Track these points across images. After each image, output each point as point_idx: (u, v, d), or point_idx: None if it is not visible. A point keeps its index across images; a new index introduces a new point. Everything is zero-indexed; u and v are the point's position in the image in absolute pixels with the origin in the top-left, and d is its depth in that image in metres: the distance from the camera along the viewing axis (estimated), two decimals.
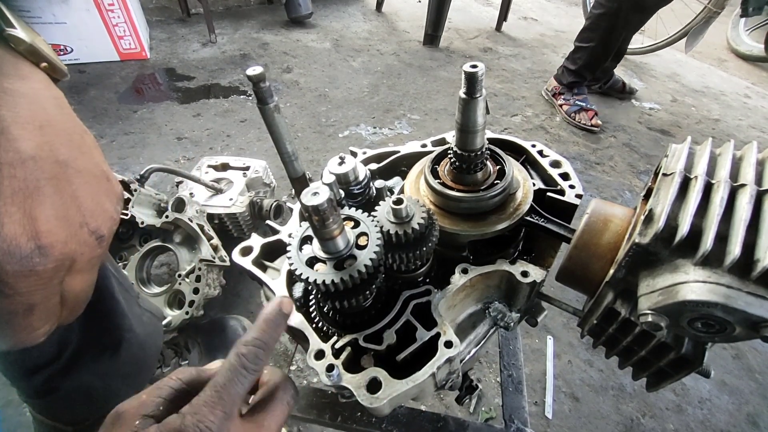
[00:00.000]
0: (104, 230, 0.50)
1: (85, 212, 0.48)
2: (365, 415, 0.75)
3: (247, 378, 0.43)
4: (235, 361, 0.43)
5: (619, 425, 1.34)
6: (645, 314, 0.43)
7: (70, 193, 0.46)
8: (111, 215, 0.52)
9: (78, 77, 2.74)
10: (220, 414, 0.40)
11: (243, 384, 0.43)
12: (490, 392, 1.38)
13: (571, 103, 2.73)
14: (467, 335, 0.66)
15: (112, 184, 0.53)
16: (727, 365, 1.54)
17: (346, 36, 3.59)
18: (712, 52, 3.91)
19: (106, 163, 0.53)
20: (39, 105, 0.45)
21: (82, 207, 0.47)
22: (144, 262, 1.47)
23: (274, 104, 0.57)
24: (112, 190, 0.53)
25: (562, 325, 1.59)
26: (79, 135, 0.50)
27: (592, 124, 2.65)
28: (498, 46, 3.65)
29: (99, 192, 0.50)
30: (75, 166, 0.47)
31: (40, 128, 0.44)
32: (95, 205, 0.49)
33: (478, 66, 0.49)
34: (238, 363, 0.43)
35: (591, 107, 2.70)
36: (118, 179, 1.37)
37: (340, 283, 0.48)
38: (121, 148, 2.26)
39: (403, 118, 2.67)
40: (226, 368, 0.43)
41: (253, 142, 2.36)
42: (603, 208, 0.58)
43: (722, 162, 0.47)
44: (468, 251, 0.68)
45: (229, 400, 0.41)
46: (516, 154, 0.78)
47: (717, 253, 0.40)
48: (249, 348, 0.44)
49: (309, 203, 0.42)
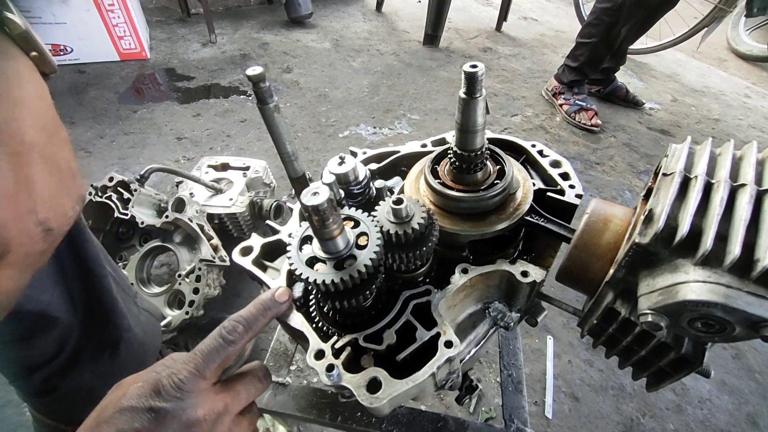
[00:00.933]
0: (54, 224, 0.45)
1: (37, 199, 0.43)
2: (365, 415, 0.75)
3: (225, 348, 0.48)
4: (217, 332, 0.49)
5: (619, 425, 1.34)
6: (645, 314, 0.43)
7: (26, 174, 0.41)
8: (66, 212, 0.47)
9: (78, 77, 2.74)
10: (192, 370, 0.45)
11: (219, 352, 0.47)
12: (490, 392, 1.38)
13: (571, 103, 2.72)
14: (467, 335, 0.66)
15: (76, 182, 0.49)
16: (727, 365, 1.54)
17: (346, 36, 3.59)
18: (712, 52, 3.91)
19: (75, 161, 0.49)
20: (18, 85, 0.41)
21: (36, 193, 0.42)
22: (144, 262, 1.47)
23: (274, 104, 0.57)
24: (75, 188, 0.49)
25: (562, 325, 1.59)
26: (54, 126, 0.46)
27: (592, 123, 2.65)
28: (498, 46, 3.65)
29: (60, 185, 0.46)
30: (40, 151, 0.43)
31: (14, 105, 0.40)
32: (51, 196, 0.45)
33: (478, 66, 0.49)
34: (218, 334, 0.49)
35: (591, 107, 2.70)
36: (117, 179, 1.37)
37: (340, 283, 0.48)
38: (121, 148, 2.26)
39: (403, 118, 2.67)
40: (209, 337, 0.49)
41: (253, 142, 2.36)
42: (603, 208, 0.58)
43: (722, 162, 0.47)
44: (468, 251, 0.68)
45: (203, 361, 0.46)
46: (516, 154, 0.78)
47: (717, 253, 0.40)
48: (232, 323, 0.50)
49: (309, 203, 0.42)
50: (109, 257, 0.94)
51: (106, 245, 1.48)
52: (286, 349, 0.87)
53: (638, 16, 2.45)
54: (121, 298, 0.88)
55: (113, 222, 1.48)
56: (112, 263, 0.93)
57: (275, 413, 0.78)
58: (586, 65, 2.70)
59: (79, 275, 0.79)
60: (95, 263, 0.82)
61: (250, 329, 0.51)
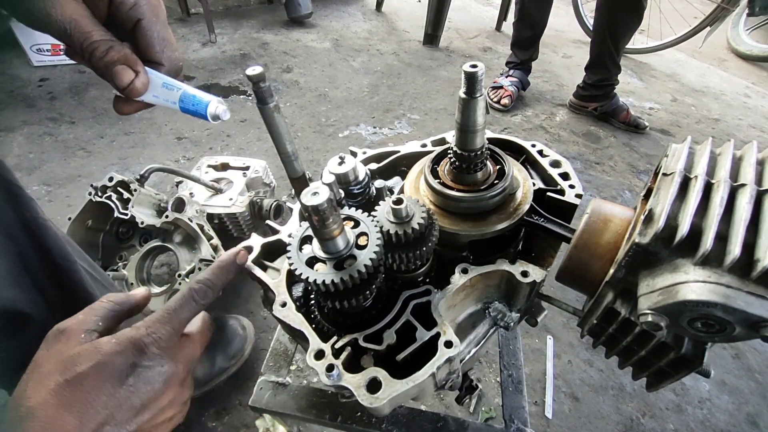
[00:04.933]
0: None
1: None
2: (365, 415, 0.75)
3: (194, 307, 0.53)
4: (187, 293, 0.53)
5: (619, 425, 1.34)
6: (645, 314, 0.43)
7: None
8: None
9: (78, 77, 2.74)
10: (170, 329, 0.49)
11: (189, 311, 0.52)
12: (490, 392, 1.38)
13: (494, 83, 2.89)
14: (467, 335, 0.66)
15: None
16: (727, 365, 1.54)
17: (346, 36, 3.59)
18: (712, 51, 3.91)
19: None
20: None
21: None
22: (144, 262, 1.47)
23: (274, 104, 0.57)
24: None
25: (562, 325, 1.59)
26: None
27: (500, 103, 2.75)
28: (498, 46, 3.64)
29: None
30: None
31: None
32: None
33: (478, 66, 0.49)
34: (188, 294, 0.53)
35: (509, 88, 2.78)
36: (117, 179, 1.37)
37: (340, 283, 0.48)
38: (121, 148, 2.26)
39: (402, 117, 2.67)
40: (178, 297, 0.52)
41: (253, 142, 2.36)
42: (603, 208, 0.58)
43: (722, 162, 0.47)
44: (468, 251, 0.68)
45: (177, 320, 0.51)
46: (516, 154, 0.78)
47: (717, 252, 0.40)
48: (200, 285, 0.54)
49: (309, 203, 0.42)
50: (85, 255, 0.93)
51: (106, 245, 1.48)
52: (286, 349, 0.87)
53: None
54: (101, 292, 0.88)
55: (113, 222, 1.48)
56: (88, 259, 0.93)
57: (275, 413, 0.78)
58: (513, 45, 2.89)
59: (44, 269, 0.79)
60: (61, 257, 0.82)
61: (216, 291, 0.56)
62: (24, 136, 2.27)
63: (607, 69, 2.58)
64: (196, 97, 0.53)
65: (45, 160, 2.15)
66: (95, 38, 0.47)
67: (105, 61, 0.48)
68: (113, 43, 0.49)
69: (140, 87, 0.51)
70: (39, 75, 2.71)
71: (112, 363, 0.44)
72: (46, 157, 2.16)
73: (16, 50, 2.74)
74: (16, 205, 0.75)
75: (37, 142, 2.24)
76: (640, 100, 3.08)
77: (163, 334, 0.48)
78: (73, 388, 0.42)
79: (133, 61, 0.50)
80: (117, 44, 0.49)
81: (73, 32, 0.46)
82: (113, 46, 0.49)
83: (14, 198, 0.75)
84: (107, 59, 0.48)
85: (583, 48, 3.67)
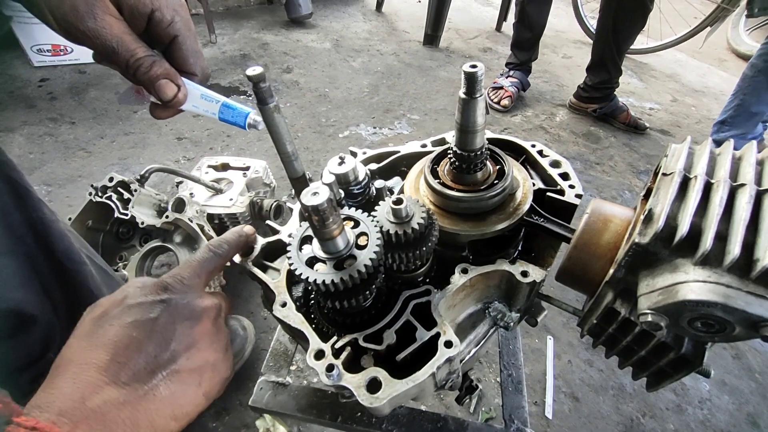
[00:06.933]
0: None
1: None
2: (365, 415, 0.75)
3: (214, 258, 0.56)
4: (205, 248, 0.57)
5: (619, 425, 1.34)
6: (645, 314, 0.43)
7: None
8: None
9: (78, 78, 2.74)
10: (191, 271, 0.52)
11: (210, 262, 0.55)
12: (490, 392, 1.38)
13: (495, 83, 2.89)
14: (467, 335, 0.66)
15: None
16: (727, 365, 1.54)
17: (346, 36, 3.59)
18: (712, 52, 3.91)
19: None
20: None
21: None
22: (144, 262, 1.47)
23: (274, 104, 0.57)
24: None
25: (562, 325, 1.59)
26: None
27: (501, 104, 2.76)
28: (498, 46, 3.65)
29: None
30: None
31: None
32: None
33: (478, 66, 0.49)
34: (207, 248, 0.57)
35: (510, 88, 2.78)
36: (117, 179, 1.37)
37: (340, 283, 0.48)
38: (121, 148, 2.27)
39: (402, 118, 2.67)
40: (198, 251, 0.57)
41: (253, 142, 2.36)
42: (603, 208, 0.58)
43: (722, 162, 0.47)
44: (468, 251, 0.68)
45: (198, 267, 0.54)
46: (516, 154, 0.78)
47: (717, 252, 0.40)
48: (218, 241, 0.59)
49: (309, 203, 0.42)
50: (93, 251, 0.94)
51: (106, 245, 1.48)
52: (286, 349, 0.87)
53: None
54: (103, 288, 0.88)
55: (113, 222, 1.48)
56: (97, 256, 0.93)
57: (275, 413, 0.78)
58: (513, 46, 2.89)
59: (50, 270, 0.80)
60: (66, 257, 0.83)
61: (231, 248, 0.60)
62: (24, 136, 2.27)
63: (609, 71, 2.57)
64: (237, 110, 0.58)
65: (45, 160, 2.15)
66: (140, 55, 0.52)
67: (149, 75, 0.53)
68: (155, 58, 0.54)
69: (182, 99, 0.57)
70: (39, 75, 2.71)
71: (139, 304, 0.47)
72: (47, 158, 2.16)
73: (16, 51, 2.74)
74: (23, 206, 0.76)
75: (37, 143, 2.24)
76: (640, 101, 3.08)
77: (184, 276, 0.51)
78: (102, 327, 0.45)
79: (173, 75, 0.55)
80: (159, 59, 0.54)
81: (119, 49, 0.51)
82: (156, 61, 0.53)
83: (22, 199, 0.76)
84: (151, 74, 0.53)
85: (583, 48, 3.68)
